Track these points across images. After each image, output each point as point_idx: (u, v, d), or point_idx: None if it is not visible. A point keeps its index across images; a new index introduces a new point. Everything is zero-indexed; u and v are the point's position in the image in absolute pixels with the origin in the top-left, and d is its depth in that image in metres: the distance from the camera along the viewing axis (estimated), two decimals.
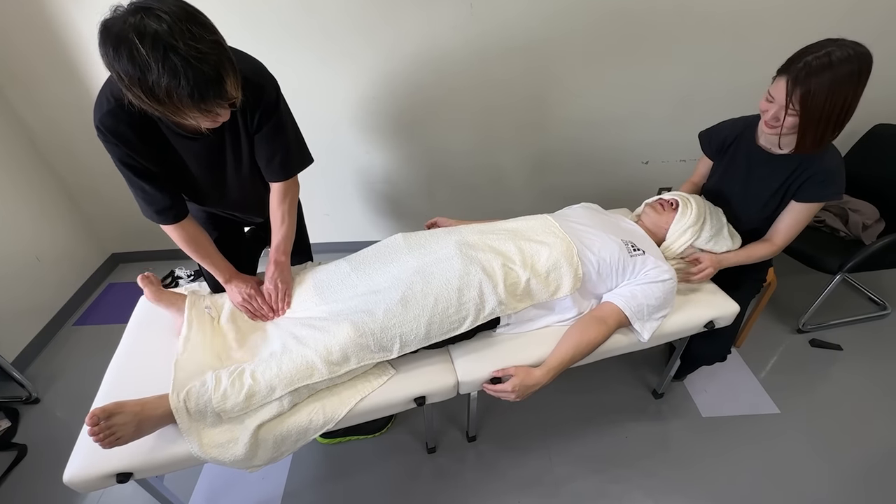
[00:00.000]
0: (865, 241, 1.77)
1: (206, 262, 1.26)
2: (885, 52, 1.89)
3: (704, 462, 1.52)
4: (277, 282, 1.26)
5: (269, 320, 1.25)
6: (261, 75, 1.07)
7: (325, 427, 1.06)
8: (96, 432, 0.89)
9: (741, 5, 1.78)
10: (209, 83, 0.80)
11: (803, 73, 1.03)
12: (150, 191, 1.10)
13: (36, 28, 1.75)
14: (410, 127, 2.08)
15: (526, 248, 1.22)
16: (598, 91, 2.00)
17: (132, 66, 0.76)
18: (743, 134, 1.35)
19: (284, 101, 1.15)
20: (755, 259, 1.33)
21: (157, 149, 1.06)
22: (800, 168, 1.21)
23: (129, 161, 1.04)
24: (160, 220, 1.16)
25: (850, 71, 1.01)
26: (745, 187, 1.34)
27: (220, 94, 0.83)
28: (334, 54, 1.85)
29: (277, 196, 1.25)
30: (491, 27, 1.80)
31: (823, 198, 1.20)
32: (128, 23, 0.75)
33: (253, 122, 1.10)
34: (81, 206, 2.28)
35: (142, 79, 0.77)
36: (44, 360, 1.95)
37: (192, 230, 1.22)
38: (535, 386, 1.14)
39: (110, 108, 0.97)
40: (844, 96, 1.03)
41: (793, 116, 1.08)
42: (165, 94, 0.79)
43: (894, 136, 1.88)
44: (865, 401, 1.70)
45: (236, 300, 1.26)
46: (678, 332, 1.32)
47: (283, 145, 1.17)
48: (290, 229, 1.29)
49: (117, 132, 0.99)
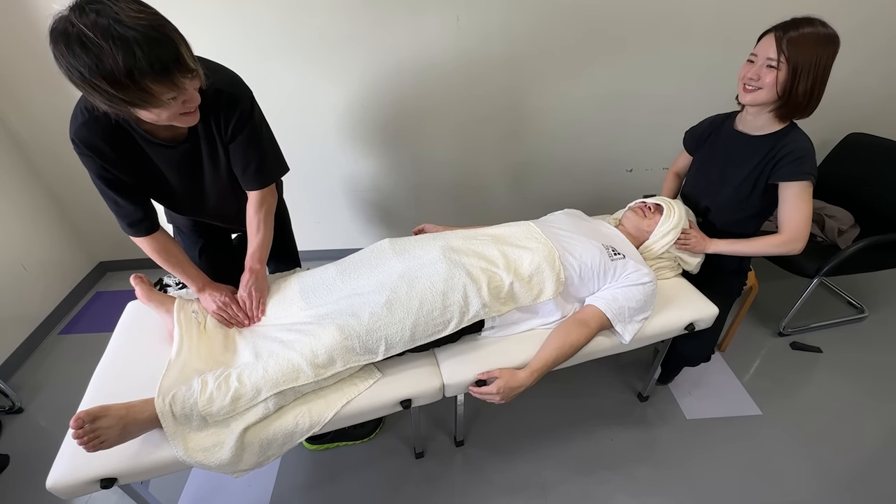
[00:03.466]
0: (841, 245, 1.82)
1: (177, 272, 1.26)
2: (859, 63, 1.98)
3: (689, 463, 1.54)
4: (252, 289, 1.26)
5: (244, 327, 1.25)
6: (235, 86, 1.09)
7: (311, 430, 1.07)
8: (80, 435, 0.89)
9: (721, 15, 1.84)
10: (165, 49, 0.80)
11: (791, 24, 1.12)
12: (123, 203, 1.11)
13: (22, 34, 1.76)
14: (398, 136, 2.11)
15: (509, 252, 1.25)
16: (582, 101, 2.05)
17: (86, 54, 0.76)
18: (724, 124, 1.41)
19: (259, 111, 1.16)
20: (761, 250, 1.31)
21: (132, 159, 1.07)
22: (774, 149, 1.25)
23: (103, 174, 1.05)
24: (132, 233, 1.18)
25: (830, 35, 1.12)
26: (723, 170, 1.38)
27: (178, 61, 0.82)
28: (323, 64, 1.88)
29: (254, 205, 1.26)
30: (477, 39, 1.85)
31: (802, 174, 1.20)
32: (70, 20, 0.76)
33: (227, 131, 1.11)
34: (69, 214, 2.27)
35: (100, 65, 0.77)
36: (28, 370, 1.93)
37: (164, 240, 1.23)
38: (519, 388, 1.16)
39: (84, 120, 0.98)
40: (826, 55, 1.12)
41: (776, 69, 1.13)
42: (126, 74, 0.78)
43: (867, 145, 1.94)
44: (845, 401, 1.74)
45: (210, 308, 1.26)
46: (660, 333, 1.35)
47: (258, 155, 1.18)
48: (265, 238, 1.30)
49: (92, 144, 1.01)
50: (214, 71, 1.04)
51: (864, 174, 1.92)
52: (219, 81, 1.03)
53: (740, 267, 1.51)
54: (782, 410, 1.70)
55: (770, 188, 1.28)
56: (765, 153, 1.27)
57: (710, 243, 1.38)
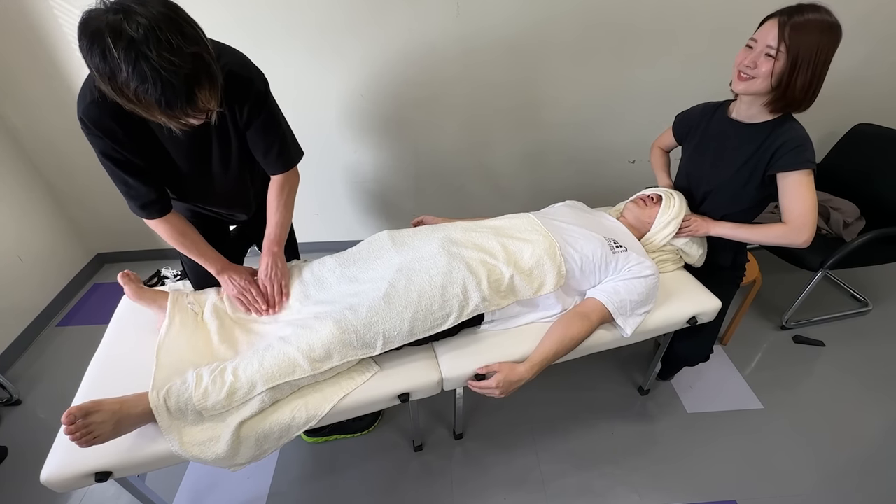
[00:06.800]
0: (846, 238, 1.80)
1: (195, 255, 1.24)
2: (866, 53, 1.94)
3: (689, 457, 1.53)
4: (273, 274, 1.25)
5: (264, 314, 1.24)
6: (248, 69, 1.07)
7: (307, 424, 1.06)
8: (73, 431, 0.87)
9: (724, 6, 1.80)
10: (177, 95, 0.80)
11: (796, 9, 1.07)
12: (134, 184, 1.09)
13: (18, 27, 1.73)
14: (398, 126, 2.08)
15: (509, 245, 1.23)
16: (584, 91, 2.01)
17: (104, 64, 0.76)
18: (715, 112, 1.35)
19: (272, 95, 1.14)
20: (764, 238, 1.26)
21: (141, 141, 1.05)
22: (770, 137, 1.19)
23: (112, 154, 1.03)
24: (145, 215, 1.15)
25: (833, 24, 1.07)
26: (718, 158, 1.32)
27: (190, 104, 0.83)
28: (322, 53, 1.85)
29: (276, 187, 1.25)
30: (477, 28, 1.81)
31: (802, 162, 1.15)
32: (106, 21, 0.75)
33: (242, 116, 1.09)
34: (66, 206, 2.25)
35: (111, 78, 0.78)
36: (26, 361, 1.92)
37: (179, 224, 1.21)
38: (518, 382, 1.14)
39: (93, 98, 0.96)
40: (828, 45, 1.07)
41: (774, 59, 1.07)
42: (134, 95, 0.79)
43: (874, 136, 1.91)
44: (847, 395, 1.72)
45: (231, 292, 1.25)
46: (661, 327, 1.33)
47: (278, 137, 1.17)
48: (284, 217, 1.29)
49: (100, 124, 0.98)
50: (227, 54, 1.02)
51: (870, 166, 1.89)
52: (231, 63, 1.01)
53: (735, 262, 1.46)
54: (784, 404, 1.69)
55: (768, 179, 1.22)
56: (760, 142, 1.21)
57: (712, 225, 1.32)
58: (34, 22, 1.72)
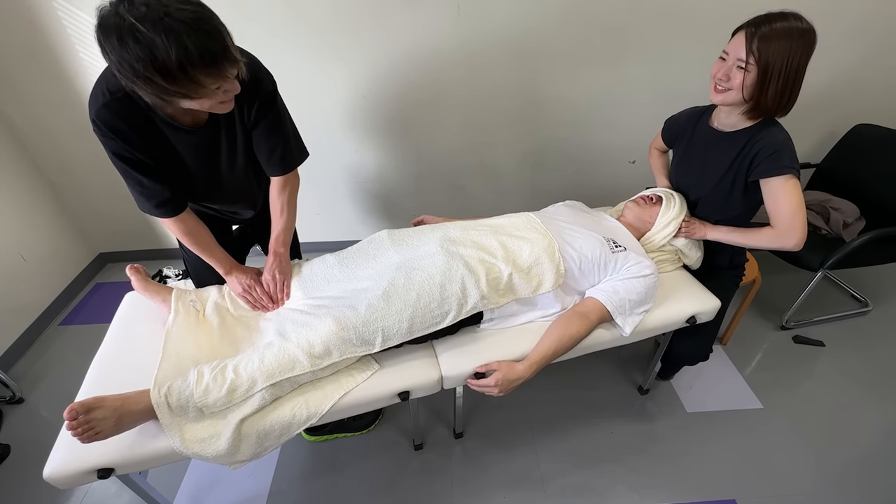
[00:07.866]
0: (846, 238, 1.80)
1: (206, 255, 1.26)
2: (866, 54, 1.94)
3: (688, 456, 1.54)
4: (276, 273, 1.27)
5: (269, 311, 1.26)
6: (257, 69, 1.08)
7: (308, 422, 1.07)
8: (75, 426, 0.88)
9: (724, 8, 1.80)
10: (212, 39, 0.81)
11: (763, 19, 1.07)
12: (149, 184, 1.10)
13: (21, 26, 1.74)
14: (399, 126, 2.09)
15: (508, 243, 1.23)
16: (585, 92, 2.02)
17: (140, 48, 0.77)
18: (700, 119, 1.37)
19: (280, 96, 1.16)
20: (756, 242, 1.27)
21: (152, 142, 1.06)
22: (748, 144, 1.20)
23: (125, 154, 1.04)
24: (160, 214, 1.16)
25: (805, 29, 1.06)
26: (702, 168, 1.34)
27: (225, 52, 0.84)
28: (323, 53, 1.86)
29: (277, 188, 1.26)
30: (478, 30, 1.82)
31: (780, 168, 1.15)
32: (119, 13, 0.77)
33: (250, 116, 1.10)
34: (69, 205, 2.27)
35: (153, 59, 0.78)
36: (29, 360, 1.94)
37: (192, 223, 1.23)
38: (517, 380, 1.15)
39: (106, 101, 0.97)
40: (799, 51, 1.05)
41: (745, 71, 1.08)
42: (179, 67, 0.80)
43: (874, 136, 1.91)
44: (847, 396, 1.72)
45: (236, 290, 1.27)
46: (661, 326, 1.33)
47: (283, 141, 1.18)
48: (289, 220, 1.31)
49: (113, 126, 0.99)
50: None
51: (870, 166, 1.89)
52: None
53: (732, 262, 1.47)
54: (783, 404, 1.69)
55: (751, 186, 1.23)
56: (738, 150, 1.22)
57: (709, 229, 1.34)
58: (37, 22, 1.73)
